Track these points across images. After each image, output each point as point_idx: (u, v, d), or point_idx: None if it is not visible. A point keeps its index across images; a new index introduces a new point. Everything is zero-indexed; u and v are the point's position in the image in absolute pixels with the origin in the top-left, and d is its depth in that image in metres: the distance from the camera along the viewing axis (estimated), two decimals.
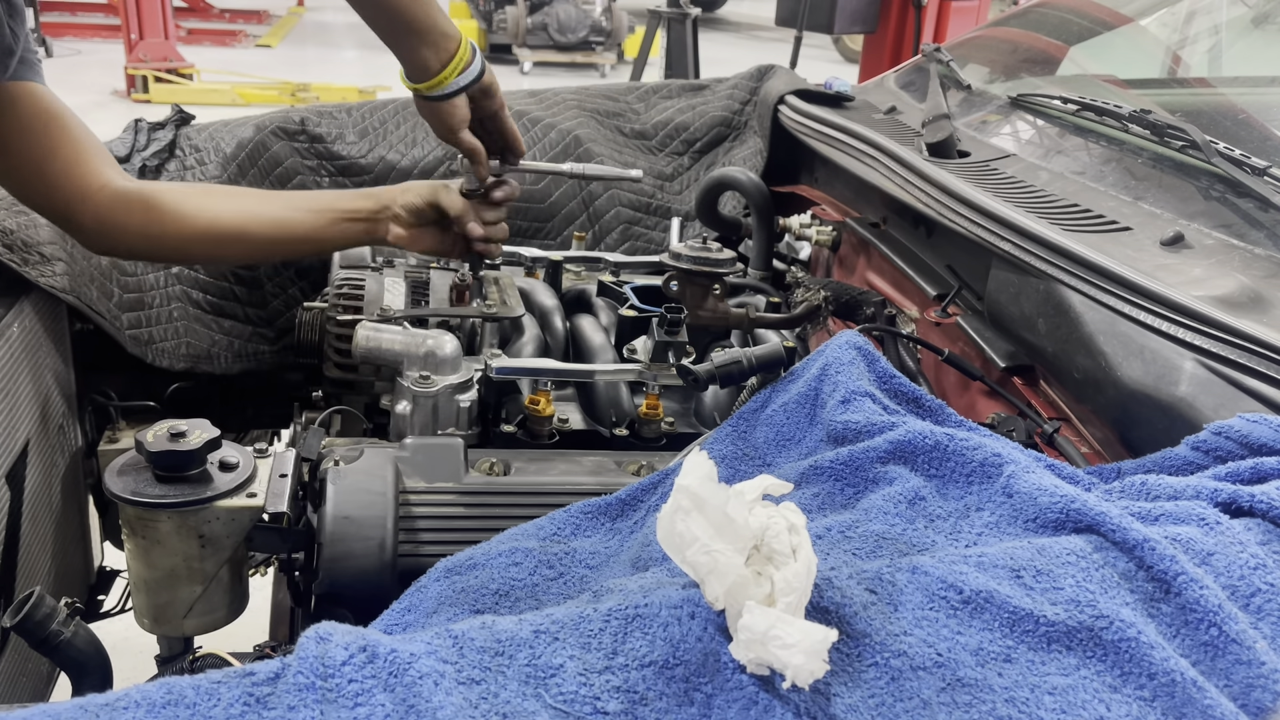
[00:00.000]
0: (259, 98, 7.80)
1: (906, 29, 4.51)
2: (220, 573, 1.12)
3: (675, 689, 0.63)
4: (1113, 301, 1.07)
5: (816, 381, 1.03)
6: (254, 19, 11.73)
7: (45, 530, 1.42)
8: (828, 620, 0.67)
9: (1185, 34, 1.91)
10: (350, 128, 2.03)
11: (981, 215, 1.28)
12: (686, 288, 1.45)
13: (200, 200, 1.34)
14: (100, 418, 1.62)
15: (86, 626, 1.08)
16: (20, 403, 1.34)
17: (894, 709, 0.63)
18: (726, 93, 2.30)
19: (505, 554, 0.92)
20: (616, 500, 1.01)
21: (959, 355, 1.30)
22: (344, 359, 1.44)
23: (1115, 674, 0.65)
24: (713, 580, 0.65)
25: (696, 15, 5.49)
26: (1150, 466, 0.88)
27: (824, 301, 1.53)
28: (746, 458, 1.04)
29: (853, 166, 1.66)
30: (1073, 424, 1.14)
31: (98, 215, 1.27)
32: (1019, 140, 1.62)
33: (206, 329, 1.76)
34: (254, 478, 1.13)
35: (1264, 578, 0.69)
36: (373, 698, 0.58)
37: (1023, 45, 2.00)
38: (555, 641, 0.65)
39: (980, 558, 0.72)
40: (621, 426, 1.39)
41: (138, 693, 0.58)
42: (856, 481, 0.91)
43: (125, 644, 1.61)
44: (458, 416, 1.33)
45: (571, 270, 1.88)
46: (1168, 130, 1.32)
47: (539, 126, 2.11)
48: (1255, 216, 1.16)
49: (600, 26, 10.17)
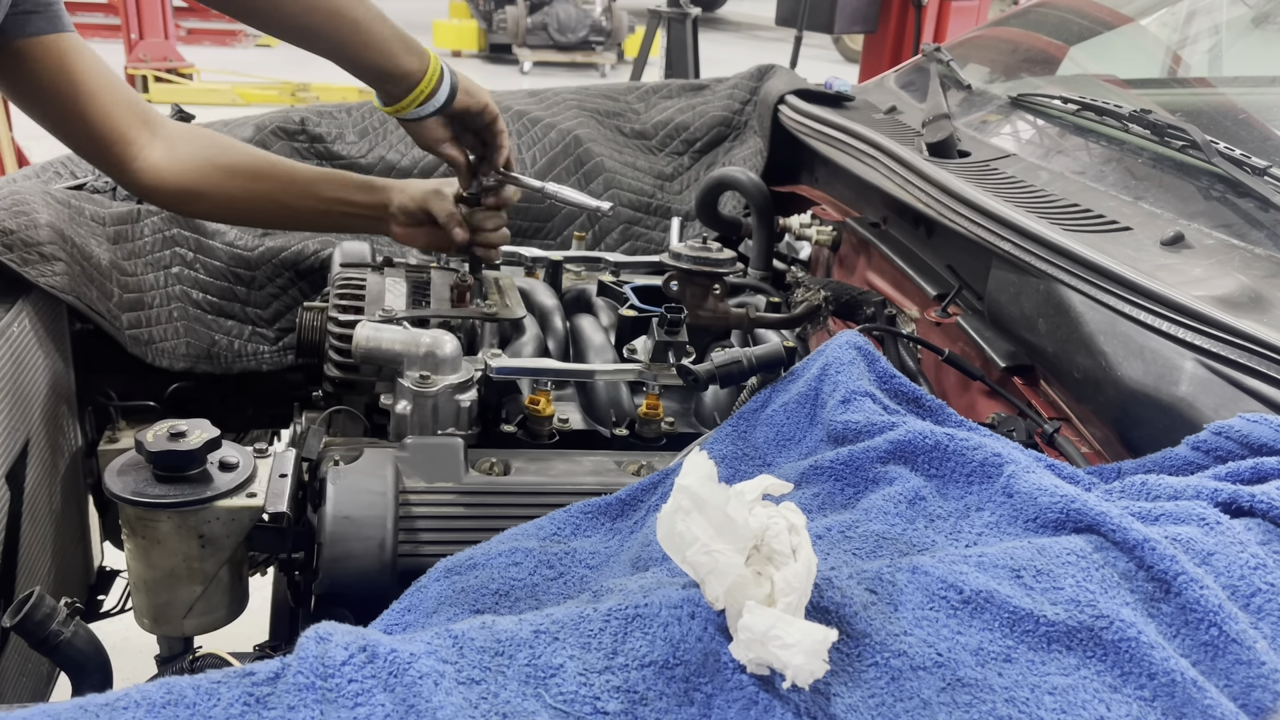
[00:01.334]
0: (259, 98, 7.80)
1: (906, 29, 4.51)
2: (220, 573, 1.12)
3: (675, 689, 0.63)
4: (1113, 301, 1.07)
5: (816, 381, 1.03)
6: None
7: (45, 530, 1.42)
8: (828, 620, 0.67)
9: (1185, 34, 1.91)
10: (350, 127, 2.03)
11: (981, 215, 1.28)
12: (686, 288, 1.45)
13: (248, 147, 1.52)
14: (100, 418, 1.62)
15: (86, 626, 1.08)
16: (20, 403, 1.34)
17: (894, 709, 0.63)
18: (726, 93, 2.30)
19: (505, 554, 0.92)
20: (616, 500, 1.01)
21: (959, 355, 1.30)
22: (344, 359, 1.44)
23: (1115, 674, 0.65)
24: (713, 580, 0.65)
25: (696, 15, 5.49)
26: (1150, 466, 0.88)
27: (824, 301, 1.53)
28: (746, 458, 1.04)
29: (853, 166, 1.66)
30: (1073, 424, 1.14)
31: (169, 140, 1.41)
32: (1019, 140, 1.62)
33: (206, 329, 1.75)
34: (254, 478, 1.12)
35: (1264, 578, 0.69)
36: (373, 698, 0.58)
37: (1023, 45, 2.00)
38: (555, 641, 0.65)
39: (980, 558, 0.72)
40: (621, 426, 1.39)
41: (138, 693, 0.58)
42: (856, 481, 0.91)
43: (125, 644, 1.61)
44: (458, 416, 1.33)
45: (571, 270, 1.88)
46: (1168, 130, 1.32)
47: (539, 126, 2.11)
48: (1255, 216, 1.16)
49: (600, 26, 10.17)
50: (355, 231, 1.50)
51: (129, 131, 1.39)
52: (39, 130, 1.37)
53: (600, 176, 2.12)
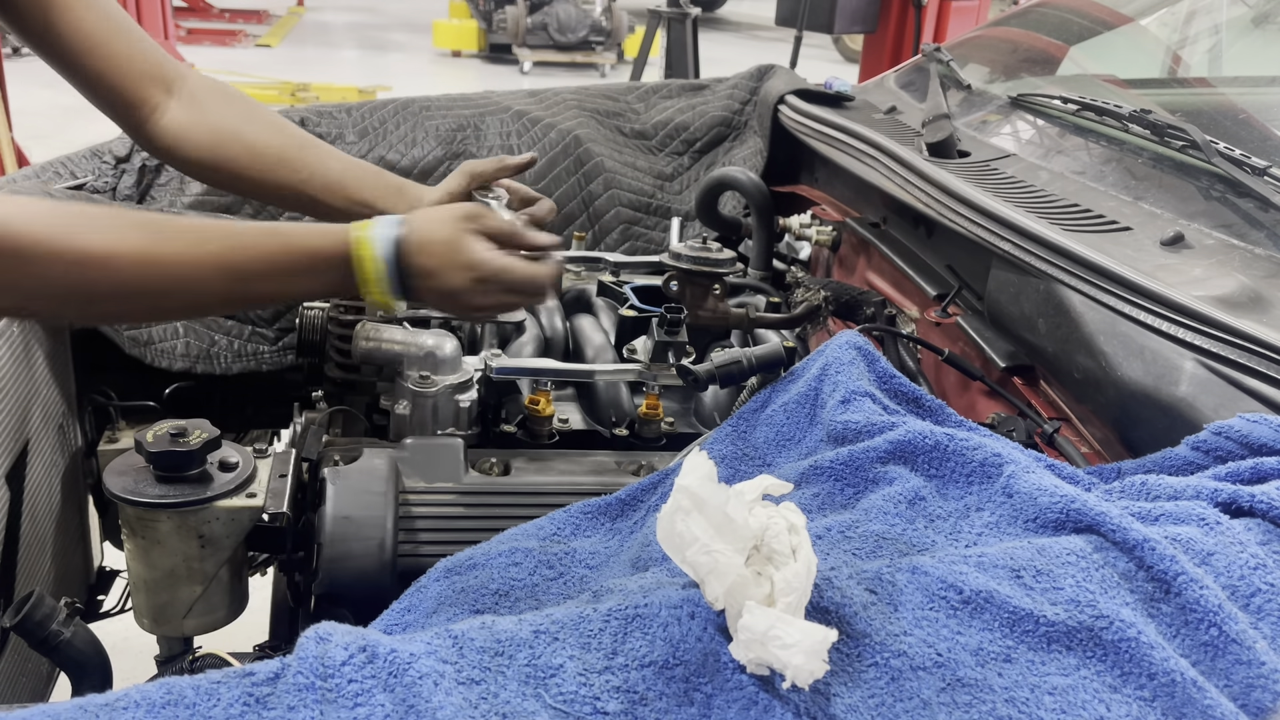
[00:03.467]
0: (259, 98, 7.72)
1: (906, 29, 4.51)
2: (220, 573, 1.12)
3: (675, 689, 0.63)
4: (1113, 301, 1.07)
5: (816, 381, 1.03)
6: (254, 19, 11.72)
7: (45, 530, 1.42)
8: (828, 620, 0.67)
9: (1185, 34, 1.91)
10: (350, 128, 2.03)
11: (981, 215, 1.28)
12: (686, 288, 1.45)
13: (281, 121, 1.41)
14: (100, 418, 1.62)
15: (86, 626, 1.08)
16: (20, 403, 1.34)
17: (894, 709, 0.63)
18: (726, 93, 2.30)
19: (505, 554, 0.92)
20: (616, 500, 1.01)
21: (959, 355, 1.30)
22: (345, 359, 1.44)
23: (1115, 674, 0.65)
24: (713, 580, 0.65)
25: (696, 15, 5.48)
26: (1150, 466, 0.88)
27: (824, 301, 1.53)
28: (746, 458, 1.04)
29: (853, 166, 1.66)
30: (1073, 424, 1.14)
31: (194, 100, 1.31)
32: (1019, 140, 1.62)
33: (206, 329, 1.75)
34: (254, 478, 1.12)
35: (1264, 578, 0.69)
36: (372, 698, 0.58)
37: (1023, 45, 2.00)
38: (555, 641, 0.65)
39: (980, 558, 0.72)
40: (621, 426, 1.39)
41: (137, 693, 0.58)
42: (856, 481, 0.91)
43: (125, 644, 1.61)
44: (457, 416, 1.33)
45: (571, 270, 1.88)
46: (1168, 130, 1.32)
47: (539, 126, 2.11)
48: (1255, 216, 1.16)
49: (600, 26, 10.17)
50: None
51: (140, 92, 1.28)
52: (39, 130, 1.37)
53: (600, 176, 2.12)
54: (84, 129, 6.64)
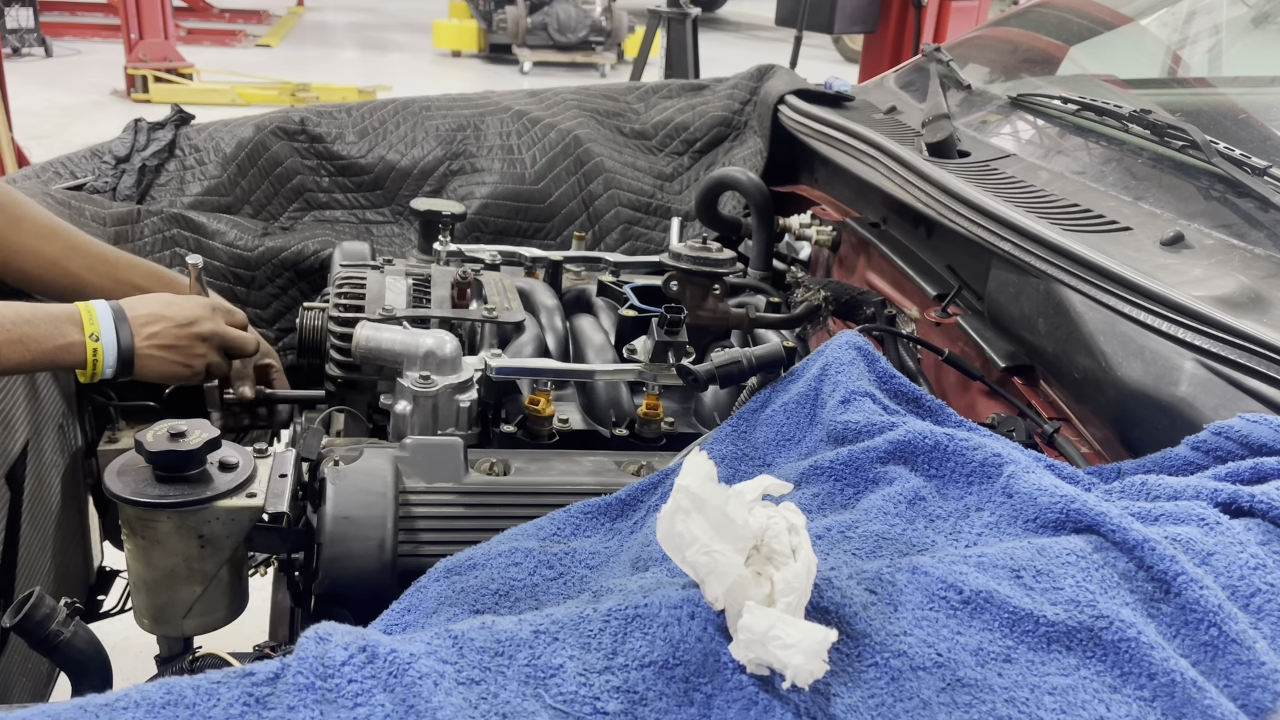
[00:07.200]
0: (259, 98, 7.81)
1: (906, 29, 4.51)
2: (220, 573, 1.12)
3: (675, 689, 0.63)
4: (1113, 301, 1.07)
5: (816, 381, 1.03)
6: (254, 19, 11.73)
7: (45, 530, 1.42)
8: (828, 620, 0.67)
9: (1185, 34, 1.91)
10: (350, 127, 2.04)
11: (981, 215, 1.28)
12: (686, 288, 1.45)
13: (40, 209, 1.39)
14: (100, 418, 1.62)
15: (86, 626, 1.08)
16: (20, 403, 1.34)
17: (894, 709, 0.63)
18: (726, 93, 2.30)
19: (505, 554, 0.92)
20: (616, 500, 1.01)
21: (959, 355, 1.30)
22: (345, 359, 1.44)
23: (1115, 674, 0.65)
24: (713, 580, 0.65)
25: (696, 15, 5.48)
26: (1150, 466, 0.88)
27: (824, 301, 1.53)
28: (746, 458, 1.04)
29: (853, 166, 1.66)
30: (1073, 424, 1.14)
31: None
32: (1019, 140, 1.62)
33: None
34: (254, 478, 1.12)
35: (1264, 578, 0.69)
36: (372, 698, 0.58)
37: (1023, 45, 2.00)
38: (555, 642, 0.65)
39: (980, 558, 0.72)
40: (621, 426, 1.39)
41: (137, 693, 0.58)
42: (856, 481, 0.91)
43: (125, 644, 1.61)
44: (458, 416, 1.33)
45: (571, 270, 1.88)
46: (1168, 130, 1.32)
47: (539, 126, 2.11)
48: (1255, 216, 1.16)
49: (600, 26, 10.17)
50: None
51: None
52: (39, 130, 1.37)
53: (600, 176, 2.12)
54: (84, 129, 6.65)
